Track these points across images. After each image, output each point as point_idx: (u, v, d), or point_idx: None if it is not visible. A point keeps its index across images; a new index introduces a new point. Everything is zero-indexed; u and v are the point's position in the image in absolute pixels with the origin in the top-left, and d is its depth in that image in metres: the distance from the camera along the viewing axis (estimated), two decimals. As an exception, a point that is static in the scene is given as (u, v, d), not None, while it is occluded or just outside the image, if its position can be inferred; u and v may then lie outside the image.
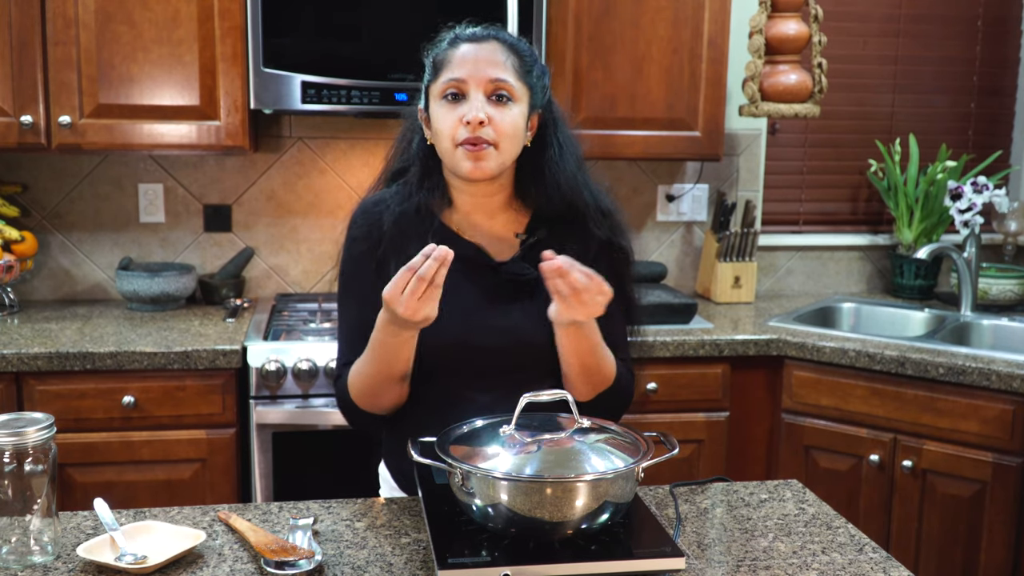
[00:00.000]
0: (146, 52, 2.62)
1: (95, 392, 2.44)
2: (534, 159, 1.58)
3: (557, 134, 1.59)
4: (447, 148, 1.51)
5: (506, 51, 1.52)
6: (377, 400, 1.55)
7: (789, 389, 2.74)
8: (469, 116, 1.46)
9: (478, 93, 1.48)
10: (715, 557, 1.38)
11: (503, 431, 1.34)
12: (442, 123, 1.50)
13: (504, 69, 1.50)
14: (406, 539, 1.42)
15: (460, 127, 1.48)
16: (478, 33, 1.54)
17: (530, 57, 1.55)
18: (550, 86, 1.62)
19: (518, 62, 1.52)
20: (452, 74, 1.49)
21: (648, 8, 2.85)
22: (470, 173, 1.50)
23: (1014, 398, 2.43)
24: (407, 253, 1.49)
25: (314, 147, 3.09)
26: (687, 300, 2.88)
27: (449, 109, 1.49)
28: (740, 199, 3.35)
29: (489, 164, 1.49)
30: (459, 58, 1.50)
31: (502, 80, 1.49)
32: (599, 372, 1.56)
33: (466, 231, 1.60)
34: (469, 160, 1.48)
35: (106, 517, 1.40)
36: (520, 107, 1.51)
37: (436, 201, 1.60)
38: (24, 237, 2.84)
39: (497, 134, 1.48)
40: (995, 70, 3.51)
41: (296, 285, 3.16)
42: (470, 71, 1.48)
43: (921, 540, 2.59)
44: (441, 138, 1.51)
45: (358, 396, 1.55)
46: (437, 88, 1.51)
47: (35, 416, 1.34)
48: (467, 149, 1.48)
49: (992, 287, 3.10)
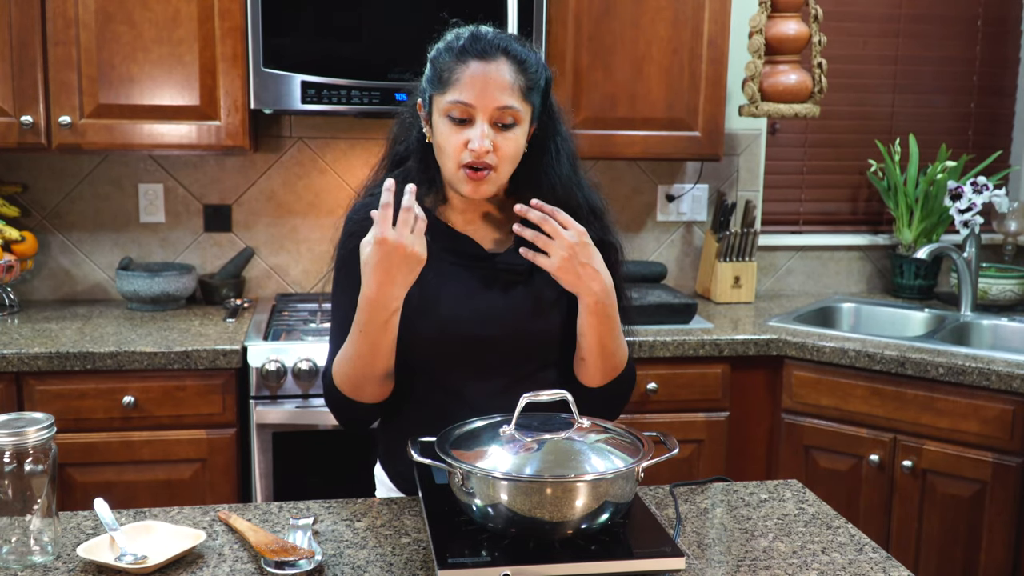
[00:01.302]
0: (146, 52, 2.62)
1: (95, 392, 2.44)
2: (531, 163, 1.59)
3: (555, 136, 1.60)
4: (449, 167, 1.52)
5: (514, 71, 1.50)
6: (360, 391, 1.54)
7: (789, 389, 2.74)
8: (475, 145, 1.48)
9: (484, 121, 1.49)
10: (715, 557, 1.38)
11: (503, 431, 1.34)
12: (446, 142, 1.51)
13: (511, 93, 1.49)
14: (406, 539, 1.42)
15: (464, 151, 1.49)
16: (487, 48, 1.50)
17: (536, 73, 1.54)
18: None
19: (525, 81, 1.51)
20: (459, 96, 1.48)
21: (648, 8, 2.85)
22: (469, 194, 1.53)
23: (1014, 398, 2.43)
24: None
25: (314, 147, 3.09)
26: (687, 300, 2.88)
27: (454, 131, 1.50)
28: (740, 199, 3.35)
29: (488, 187, 1.52)
30: (468, 79, 1.48)
31: (509, 107, 1.49)
32: (615, 356, 1.58)
33: (460, 225, 1.62)
34: (469, 184, 1.51)
35: (106, 517, 1.40)
36: (523, 127, 1.53)
37: (431, 197, 1.62)
38: (24, 237, 2.84)
39: (499, 159, 1.51)
40: (995, 70, 3.51)
41: (296, 285, 3.16)
42: (477, 97, 1.48)
43: (921, 540, 2.59)
44: (444, 156, 1.53)
45: (342, 383, 1.53)
46: (442, 104, 1.51)
47: (35, 416, 1.34)
48: (468, 173, 1.50)
49: (992, 287, 3.10)
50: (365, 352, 1.48)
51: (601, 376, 1.59)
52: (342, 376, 1.53)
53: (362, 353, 1.48)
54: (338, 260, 1.63)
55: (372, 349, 1.48)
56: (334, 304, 1.64)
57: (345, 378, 1.53)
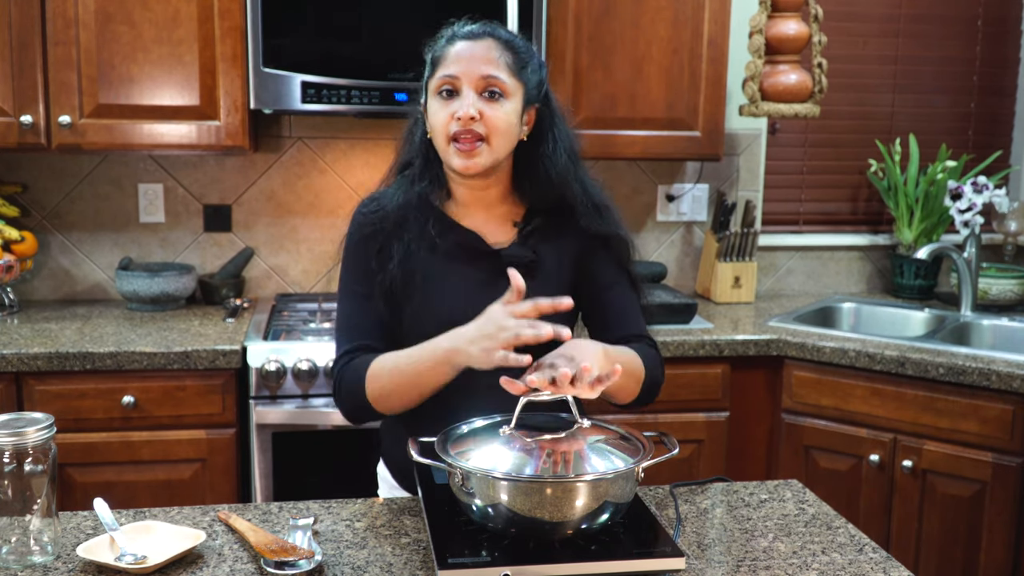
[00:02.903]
0: (146, 52, 2.62)
1: (95, 392, 2.44)
2: (529, 153, 1.61)
3: (553, 128, 1.62)
4: (441, 143, 1.55)
5: (500, 48, 1.55)
6: (391, 408, 1.55)
7: (789, 389, 2.74)
8: (460, 112, 1.51)
9: (470, 90, 1.52)
10: (715, 557, 1.38)
11: (503, 431, 1.34)
12: (436, 118, 1.55)
13: (497, 66, 1.53)
14: (406, 539, 1.42)
15: (452, 122, 1.52)
16: (475, 30, 1.57)
17: (525, 52, 1.58)
18: (548, 82, 1.64)
19: (512, 58, 1.55)
20: (446, 71, 1.53)
21: (648, 8, 2.85)
22: (462, 169, 1.54)
23: (1014, 398, 2.43)
24: (406, 239, 1.57)
25: (314, 147, 3.09)
26: (687, 300, 2.88)
27: (443, 105, 1.54)
28: (740, 199, 3.35)
29: (480, 160, 1.53)
30: (454, 55, 1.54)
31: (494, 77, 1.52)
32: (633, 376, 1.54)
33: (464, 220, 1.63)
34: (461, 156, 1.53)
35: (106, 517, 1.40)
36: (513, 103, 1.54)
37: (436, 192, 1.64)
38: (24, 237, 2.84)
39: (488, 129, 1.52)
40: (995, 70, 3.51)
41: (296, 285, 3.16)
42: (463, 68, 1.52)
43: (921, 540, 2.59)
44: (436, 133, 1.56)
45: (375, 398, 1.53)
46: (433, 84, 1.56)
47: (35, 416, 1.34)
48: (459, 146, 1.52)
49: (992, 287, 3.10)
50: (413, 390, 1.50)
51: (628, 396, 1.58)
52: (377, 393, 1.52)
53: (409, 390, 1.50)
54: (344, 257, 1.64)
55: (418, 390, 1.49)
56: (341, 297, 1.64)
57: (378, 396, 1.53)
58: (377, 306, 1.58)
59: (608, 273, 1.65)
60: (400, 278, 1.57)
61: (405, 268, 1.58)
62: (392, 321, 1.59)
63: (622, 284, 1.66)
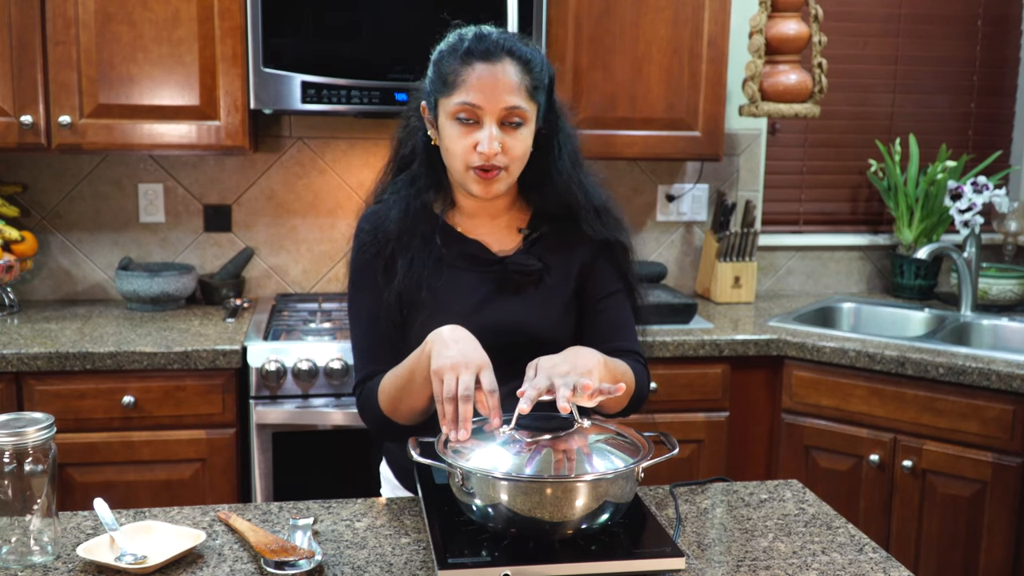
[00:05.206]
0: (146, 52, 2.62)
1: (95, 392, 2.44)
2: (535, 162, 1.59)
3: (558, 135, 1.61)
4: (458, 169, 1.52)
5: (520, 71, 1.50)
6: (399, 415, 1.55)
7: (789, 389, 2.74)
8: (484, 147, 1.48)
9: (492, 123, 1.48)
10: (715, 557, 1.38)
11: (503, 431, 1.34)
12: (454, 145, 1.51)
13: (518, 94, 1.49)
14: (406, 539, 1.42)
15: (474, 154, 1.49)
16: (491, 49, 1.49)
17: (541, 71, 1.53)
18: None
19: (530, 81, 1.51)
20: (466, 98, 1.48)
21: (648, 8, 2.85)
22: (480, 194, 1.53)
23: (1014, 398, 2.43)
24: (410, 255, 1.56)
25: (314, 147, 3.09)
26: (687, 300, 2.88)
27: (462, 132, 1.50)
28: (740, 199, 3.35)
29: (499, 186, 1.53)
30: (474, 80, 1.48)
31: (516, 108, 1.49)
32: (629, 388, 1.55)
33: (469, 229, 1.62)
34: (480, 184, 1.51)
35: (106, 517, 1.39)
36: (530, 127, 1.53)
37: (439, 201, 1.63)
38: (24, 237, 2.84)
39: (509, 159, 1.51)
40: (995, 70, 3.51)
41: (296, 285, 3.16)
42: (486, 99, 1.47)
43: (921, 540, 2.59)
44: (452, 158, 1.53)
45: (389, 410, 1.54)
46: (449, 106, 1.50)
47: (35, 416, 1.34)
48: (478, 173, 1.50)
49: (992, 287, 3.10)
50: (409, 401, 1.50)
51: (617, 407, 1.59)
52: (384, 402, 1.54)
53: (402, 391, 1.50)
54: (351, 275, 1.63)
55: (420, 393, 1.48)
56: (352, 317, 1.63)
57: (386, 404, 1.53)
58: (387, 327, 1.58)
59: (607, 281, 1.64)
60: (407, 293, 1.57)
61: (411, 282, 1.57)
62: (403, 336, 1.59)
63: (619, 293, 1.65)
